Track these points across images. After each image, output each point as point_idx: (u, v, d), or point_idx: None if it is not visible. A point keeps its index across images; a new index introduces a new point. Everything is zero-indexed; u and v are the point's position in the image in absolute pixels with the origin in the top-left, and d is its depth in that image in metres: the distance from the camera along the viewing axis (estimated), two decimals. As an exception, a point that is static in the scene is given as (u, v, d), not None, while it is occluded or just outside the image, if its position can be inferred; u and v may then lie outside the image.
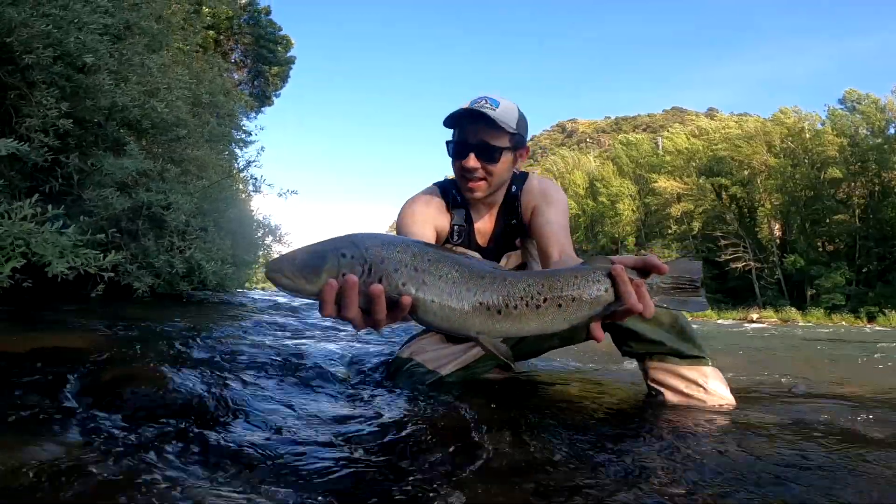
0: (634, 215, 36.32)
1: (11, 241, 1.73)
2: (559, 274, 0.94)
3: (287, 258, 0.88)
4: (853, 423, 1.36)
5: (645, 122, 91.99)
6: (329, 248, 0.87)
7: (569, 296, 0.91)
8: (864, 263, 26.67)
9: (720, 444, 1.08)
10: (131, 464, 0.78)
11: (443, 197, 1.70)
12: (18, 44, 2.45)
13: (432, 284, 0.85)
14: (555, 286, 0.91)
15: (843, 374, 2.83)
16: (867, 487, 0.87)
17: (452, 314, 0.86)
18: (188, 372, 1.32)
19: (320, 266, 0.85)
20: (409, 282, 0.84)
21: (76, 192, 2.96)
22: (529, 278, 0.92)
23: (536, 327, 0.90)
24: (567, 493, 0.81)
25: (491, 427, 1.10)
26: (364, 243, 0.87)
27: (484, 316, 0.87)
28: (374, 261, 0.85)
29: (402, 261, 0.85)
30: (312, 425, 1.10)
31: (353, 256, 0.85)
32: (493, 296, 0.87)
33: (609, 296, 0.93)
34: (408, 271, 0.85)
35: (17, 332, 1.79)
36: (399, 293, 0.84)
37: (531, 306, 0.89)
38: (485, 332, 0.88)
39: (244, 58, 16.54)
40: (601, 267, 0.94)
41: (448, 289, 0.85)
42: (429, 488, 0.79)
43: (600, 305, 0.93)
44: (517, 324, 0.89)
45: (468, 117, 1.52)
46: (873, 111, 27.24)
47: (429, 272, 0.85)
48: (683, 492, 0.83)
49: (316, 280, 0.84)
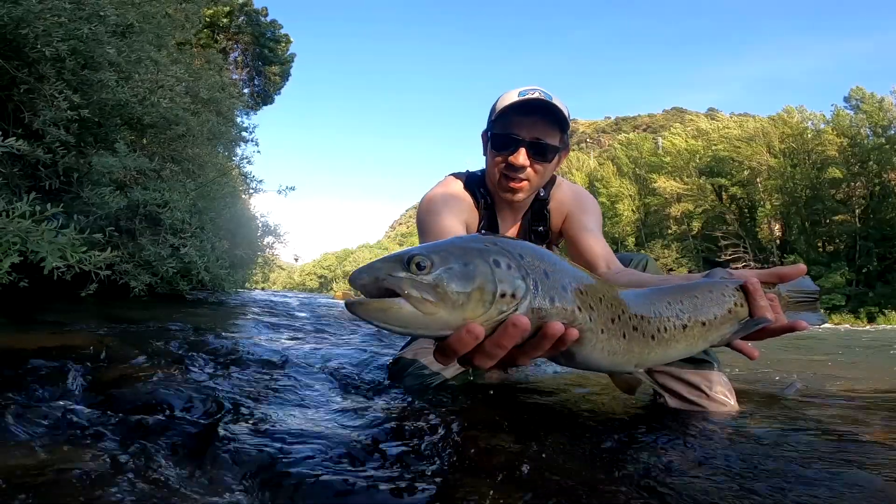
0: (634, 216, 36.37)
1: (8, 239, 1.72)
2: (694, 289, 0.83)
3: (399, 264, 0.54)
4: (853, 423, 1.35)
5: (645, 122, 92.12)
6: (472, 251, 0.56)
7: (711, 313, 0.81)
8: (864, 263, 26.71)
9: (719, 447, 1.06)
10: (129, 463, 0.77)
11: (468, 191, 1.56)
12: (34, 36, 2.44)
13: (598, 310, 0.64)
14: (697, 304, 0.81)
15: (842, 374, 2.82)
16: (866, 488, 0.86)
17: (617, 346, 0.68)
18: (186, 372, 1.31)
19: (471, 280, 0.53)
20: (583, 307, 0.62)
21: (75, 190, 2.95)
22: (667, 296, 0.79)
23: (684, 350, 0.80)
24: (567, 494, 0.79)
25: (493, 428, 1.09)
26: (513, 247, 0.60)
27: (642, 344, 0.72)
28: (538, 275, 0.58)
29: (564, 276, 0.62)
30: (313, 426, 1.08)
31: (510, 266, 0.56)
32: (643, 319, 0.72)
33: (744, 311, 0.85)
34: (576, 292, 0.62)
35: (13, 332, 1.78)
36: (570, 322, 0.60)
37: (678, 328, 0.77)
38: (640, 364, 0.74)
39: (244, 56, 16.55)
40: (731, 281, 0.86)
41: (610, 314, 0.67)
42: (430, 489, 0.78)
43: (738, 322, 0.85)
44: (667, 349, 0.77)
45: (521, 108, 1.36)
46: (876, 110, 27.27)
47: (591, 293, 0.64)
48: (685, 494, 0.81)
49: (465, 304, 0.53)
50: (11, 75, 2.59)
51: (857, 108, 28.25)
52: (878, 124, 27.15)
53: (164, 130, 3.77)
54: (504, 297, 0.55)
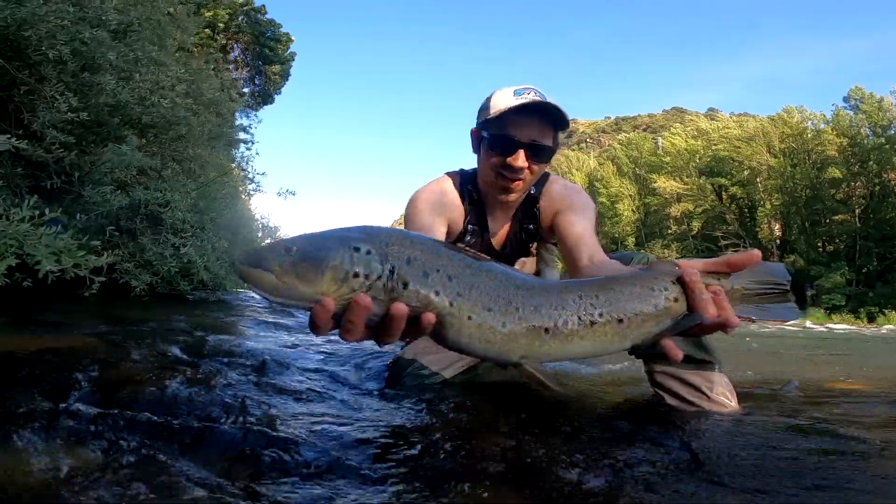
0: (634, 216, 36.34)
1: (6, 242, 1.72)
2: (616, 282, 0.77)
3: (274, 248, 0.67)
4: (853, 422, 1.35)
5: (645, 122, 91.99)
6: (336, 238, 0.67)
7: (631, 309, 0.74)
8: (864, 263, 26.70)
9: (719, 447, 1.07)
10: (129, 463, 0.78)
11: (458, 189, 1.56)
12: (37, 39, 2.44)
13: (467, 297, 0.68)
14: (613, 298, 0.75)
15: (842, 374, 2.82)
16: (866, 487, 0.86)
17: (494, 335, 0.69)
18: (186, 372, 1.31)
19: (323, 261, 0.64)
20: (443, 292, 0.67)
21: (77, 190, 2.95)
22: (581, 289, 0.75)
23: (590, 348, 0.75)
24: (566, 493, 0.80)
25: (493, 428, 1.09)
26: (384, 237, 0.68)
27: (530, 336, 0.70)
28: (398, 261, 0.66)
29: (433, 264, 0.67)
30: (313, 426, 1.08)
31: (370, 252, 0.65)
32: (536, 311, 0.70)
33: (680, 306, 0.77)
34: (441, 278, 0.67)
35: (14, 332, 1.78)
36: (425, 306, 0.66)
37: (584, 323, 0.72)
38: (528, 357, 0.72)
39: (244, 56, 16.54)
40: (667, 272, 0.78)
41: (489, 303, 0.68)
42: (431, 489, 0.78)
43: (669, 318, 0.77)
44: (566, 345, 0.73)
45: (520, 110, 1.36)
46: (875, 110, 27.26)
47: (462, 280, 0.68)
48: (685, 494, 0.82)
49: (316, 280, 0.63)
50: (12, 76, 2.60)
51: (856, 109, 28.25)
52: (878, 124, 27.13)
53: (165, 130, 3.77)
54: (357, 278, 0.64)
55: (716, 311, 0.76)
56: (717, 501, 0.80)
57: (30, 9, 2.34)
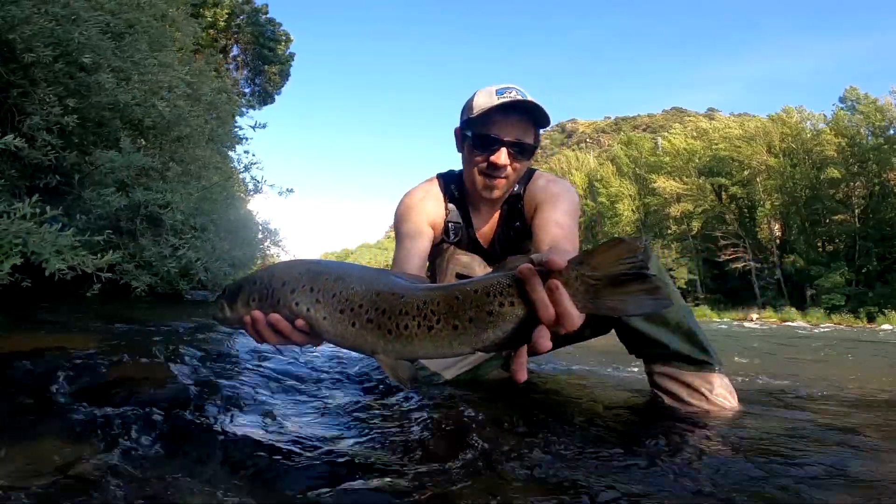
0: (634, 216, 36.33)
1: (10, 240, 1.72)
2: (460, 287, 0.75)
3: (227, 287, 0.95)
4: (852, 422, 1.35)
5: (645, 122, 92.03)
6: (250, 277, 0.91)
7: (466, 315, 0.72)
8: (864, 263, 26.68)
9: (718, 447, 1.07)
10: (129, 462, 0.78)
11: (442, 190, 1.60)
12: (21, 41, 2.44)
13: (325, 302, 0.82)
14: (452, 304, 0.73)
15: (842, 374, 2.82)
16: (865, 486, 0.87)
17: (346, 332, 0.80)
18: (187, 371, 1.31)
19: (236, 294, 0.90)
20: (303, 301, 0.83)
21: (76, 191, 2.96)
22: (428, 294, 0.76)
23: (432, 350, 0.76)
24: (566, 492, 0.80)
25: (494, 428, 1.09)
26: (274, 268, 0.90)
27: (376, 335, 0.78)
28: (276, 285, 0.86)
29: (299, 281, 0.84)
30: (313, 425, 1.09)
31: (260, 282, 0.88)
32: (382, 314, 0.77)
33: (519, 310, 0.70)
34: (304, 291, 0.83)
35: (15, 332, 1.78)
36: (295, 315, 0.83)
37: (423, 328, 0.74)
38: (381, 353, 0.78)
39: (244, 56, 16.53)
40: (511, 273, 0.71)
41: (339, 306, 0.81)
42: (432, 489, 0.78)
43: (509, 324, 0.71)
44: (410, 346, 0.76)
45: (502, 109, 1.39)
46: (872, 111, 27.26)
47: (323, 290, 0.82)
48: (685, 494, 0.82)
49: (234, 308, 0.90)
50: (6, 79, 2.60)
51: (853, 109, 28.24)
52: (876, 125, 27.12)
53: (166, 132, 3.77)
54: (255, 301, 0.88)
55: (552, 311, 0.67)
56: (717, 501, 0.80)
57: (13, 12, 2.33)
